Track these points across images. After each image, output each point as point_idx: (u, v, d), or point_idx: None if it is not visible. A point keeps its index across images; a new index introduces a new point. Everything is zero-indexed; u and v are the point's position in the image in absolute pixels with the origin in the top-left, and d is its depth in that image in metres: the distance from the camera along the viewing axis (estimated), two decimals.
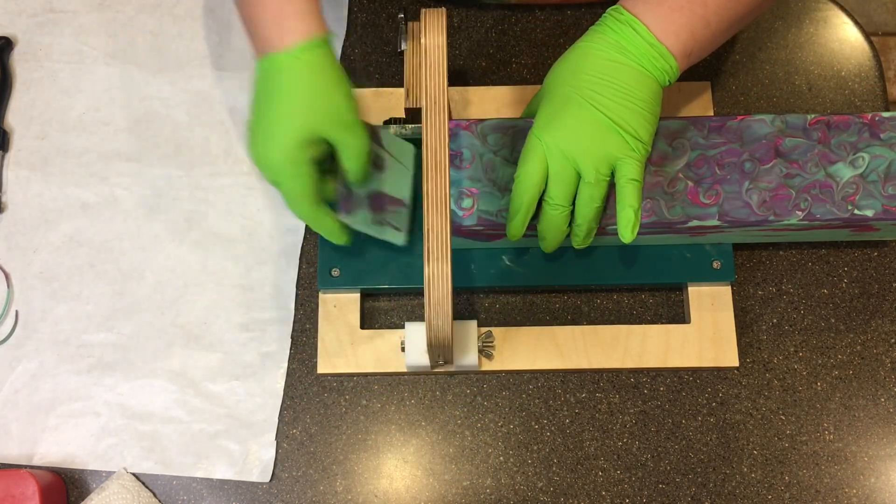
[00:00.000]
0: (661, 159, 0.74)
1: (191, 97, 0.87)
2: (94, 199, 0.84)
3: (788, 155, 0.74)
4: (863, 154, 0.74)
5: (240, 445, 0.78)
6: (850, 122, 0.75)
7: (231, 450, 0.78)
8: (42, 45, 0.88)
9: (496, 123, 0.75)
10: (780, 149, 0.74)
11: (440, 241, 0.65)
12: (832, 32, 0.89)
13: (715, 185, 0.74)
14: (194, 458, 0.78)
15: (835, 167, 0.74)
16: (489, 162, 0.74)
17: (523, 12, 0.90)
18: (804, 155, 0.74)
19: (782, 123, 0.75)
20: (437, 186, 0.66)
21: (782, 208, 0.73)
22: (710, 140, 0.75)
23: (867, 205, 0.73)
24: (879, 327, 0.81)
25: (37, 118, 0.86)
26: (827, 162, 0.74)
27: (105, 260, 0.82)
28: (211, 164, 0.85)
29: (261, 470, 0.77)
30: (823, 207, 0.73)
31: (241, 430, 0.78)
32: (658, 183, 0.74)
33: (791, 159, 0.74)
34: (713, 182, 0.74)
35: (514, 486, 0.78)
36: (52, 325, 0.81)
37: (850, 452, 0.78)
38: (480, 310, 0.82)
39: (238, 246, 0.83)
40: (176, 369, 0.80)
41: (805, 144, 0.74)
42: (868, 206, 0.73)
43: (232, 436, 0.78)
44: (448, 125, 0.68)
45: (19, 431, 0.78)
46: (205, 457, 0.78)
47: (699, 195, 0.74)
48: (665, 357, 0.79)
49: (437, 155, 0.67)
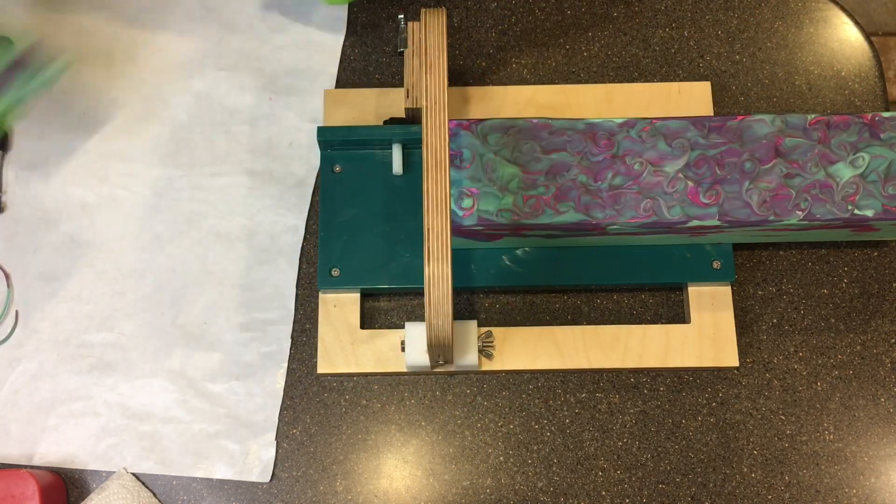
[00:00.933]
0: (660, 159, 0.74)
1: (191, 97, 0.87)
2: (94, 199, 0.84)
3: (788, 155, 0.74)
4: (863, 154, 0.74)
5: (240, 445, 0.78)
6: (851, 122, 0.75)
7: (231, 450, 0.78)
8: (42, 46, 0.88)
9: (496, 123, 0.75)
10: (781, 149, 0.74)
11: (440, 241, 0.65)
12: (832, 32, 0.89)
13: (715, 185, 0.74)
14: (194, 458, 0.78)
15: (835, 167, 0.74)
16: (489, 162, 0.74)
17: (523, 12, 0.90)
18: (804, 155, 0.74)
19: (782, 123, 0.75)
20: (438, 186, 0.66)
21: (782, 208, 0.73)
22: (710, 140, 0.75)
23: (867, 205, 0.73)
24: (879, 327, 0.81)
25: (37, 118, 0.86)
26: (827, 162, 0.74)
27: (105, 260, 0.82)
28: (211, 165, 0.85)
29: (261, 470, 0.77)
30: (823, 207, 0.73)
31: (241, 430, 0.78)
32: (658, 183, 0.74)
33: (791, 159, 0.74)
34: (713, 182, 0.74)
35: (514, 486, 0.78)
36: (53, 324, 0.81)
37: (850, 452, 0.78)
38: (480, 310, 0.82)
39: (238, 246, 0.83)
40: (176, 369, 0.80)
41: (805, 144, 0.74)
42: (868, 206, 0.73)
43: (232, 436, 0.78)
44: (448, 125, 0.68)
45: (19, 431, 0.78)
46: (205, 457, 0.78)
47: (699, 195, 0.74)
48: (665, 357, 0.79)
49: (437, 154, 0.67)
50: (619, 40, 0.89)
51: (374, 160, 0.82)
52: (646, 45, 0.89)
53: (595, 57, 0.89)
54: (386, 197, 0.81)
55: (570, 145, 0.75)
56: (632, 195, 0.74)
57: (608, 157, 0.75)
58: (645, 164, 0.74)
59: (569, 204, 0.74)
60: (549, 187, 0.74)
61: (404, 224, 0.80)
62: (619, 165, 0.75)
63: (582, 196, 0.74)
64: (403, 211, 0.81)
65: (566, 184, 0.74)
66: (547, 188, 0.74)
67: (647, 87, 0.86)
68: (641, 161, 0.75)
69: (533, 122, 0.76)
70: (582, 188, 0.74)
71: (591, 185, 0.74)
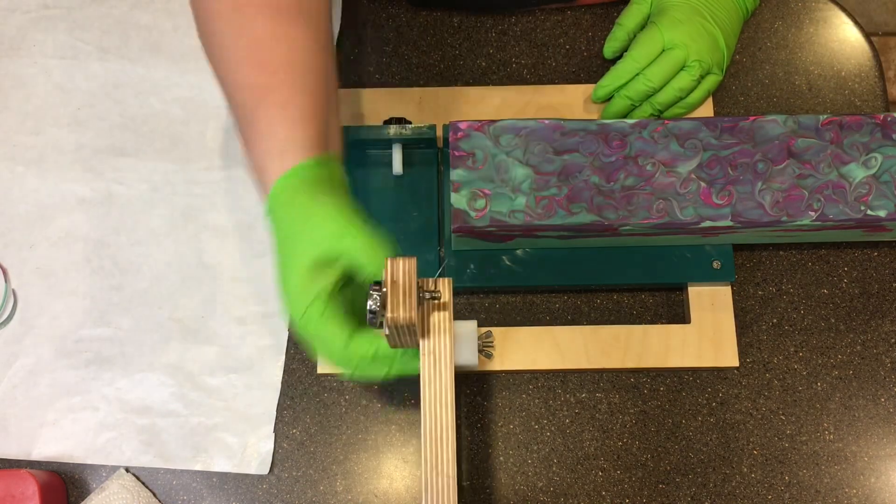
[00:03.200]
0: (673, 160, 0.74)
1: (185, 92, 0.87)
2: (89, 195, 0.84)
3: (801, 155, 0.74)
4: (875, 154, 0.74)
5: (238, 438, 0.78)
6: (863, 123, 0.75)
7: (229, 442, 0.78)
8: (36, 41, 0.88)
9: (508, 124, 0.76)
10: (793, 149, 0.74)
11: None
12: (832, 32, 0.89)
13: (728, 186, 0.74)
14: (193, 452, 0.78)
15: (847, 167, 0.74)
16: (501, 162, 0.74)
17: (523, 12, 0.90)
18: (817, 155, 0.74)
19: (794, 124, 0.75)
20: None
21: (795, 209, 0.73)
22: (722, 140, 0.75)
23: (880, 205, 0.73)
24: (879, 327, 0.81)
25: (31, 114, 0.86)
26: (839, 162, 0.74)
27: (101, 255, 0.82)
28: (206, 159, 0.85)
29: (259, 462, 0.77)
30: (836, 208, 0.73)
31: (240, 423, 0.78)
32: (671, 184, 0.74)
33: (804, 160, 0.74)
34: (726, 182, 0.74)
35: (514, 486, 0.77)
36: (50, 319, 0.81)
37: (850, 452, 0.78)
38: (480, 310, 0.82)
39: (234, 239, 0.83)
40: (173, 363, 0.80)
41: (818, 145, 0.74)
42: (881, 206, 0.73)
43: (230, 429, 0.78)
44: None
45: (18, 427, 0.78)
46: (203, 450, 0.78)
47: (712, 196, 0.74)
48: (665, 357, 0.79)
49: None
50: None
51: (374, 160, 0.82)
52: None
53: (595, 57, 0.89)
54: (386, 197, 0.81)
55: (583, 146, 0.75)
56: (644, 196, 0.74)
57: (621, 157, 0.75)
58: (657, 165, 0.74)
59: (581, 205, 0.74)
60: (562, 188, 0.74)
61: (404, 224, 0.80)
62: (632, 166, 0.75)
63: (594, 197, 0.74)
64: (403, 211, 0.81)
65: (579, 185, 0.74)
66: (559, 189, 0.74)
67: None
68: (654, 162, 0.75)
69: (545, 122, 0.76)
70: (594, 189, 0.74)
71: (604, 185, 0.74)
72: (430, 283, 0.64)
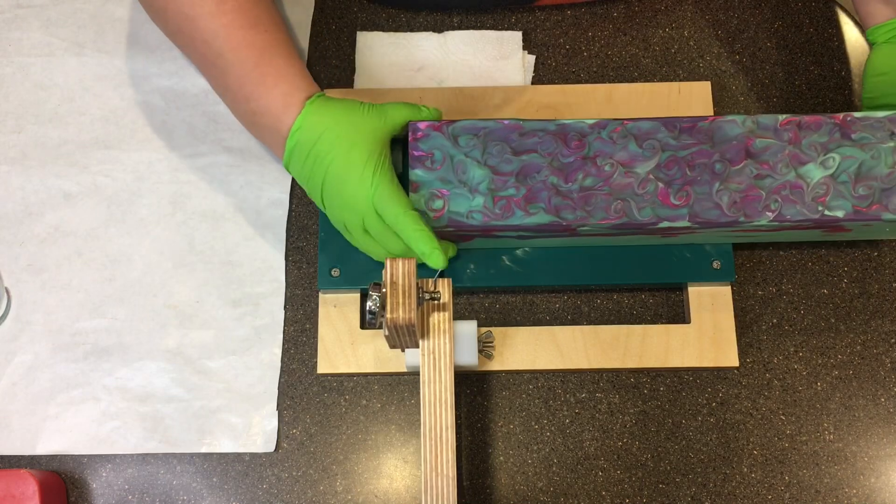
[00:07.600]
0: (631, 160, 0.74)
1: (165, 81, 0.87)
2: (76, 189, 0.84)
3: (759, 156, 0.74)
4: (833, 154, 0.74)
5: (242, 418, 0.78)
6: (822, 123, 0.74)
7: (233, 423, 0.78)
8: (11, 41, 0.88)
9: (468, 125, 0.75)
10: (751, 149, 0.74)
11: None
12: (832, 32, 0.89)
13: (685, 187, 0.74)
14: (198, 435, 0.78)
15: (805, 168, 0.74)
16: (460, 163, 0.74)
17: (523, 12, 0.90)
18: (775, 156, 0.74)
19: (753, 124, 0.75)
20: None
21: (752, 209, 0.73)
22: (680, 141, 0.75)
23: (837, 205, 0.73)
24: (879, 327, 0.81)
25: (11, 112, 0.86)
26: (797, 163, 0.74)
27: (92, 248, 0.83)
28: (190, 146, 0.85)
29: (265, 440, 0.78)
30: (794, 208, 0.73)
31: (242, 404, 0.78)
32: (629, 184, 0.74)
33: (762, 160, 0.74)
34: (683, 183, 0.74)
35: (514, 486, 0.77)
36: (45, 315, 0.81)
37: (850, 452, 0.78)
38: (480, 310, 0.82)
39: (224, 223, 0.83)
40: (172, 349, 0.80)
41: (776, 145, 0.74)
42: (838, 206, 0.73)
43: (233, 409, 0.78)
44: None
45: (20, 423, 0.78)
46: (208, 432, 0.78)
47: (669, 196, 0.74)
48: (665, 357, 0.79)
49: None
50: (619, 40, 0.89)
51: None
52: (646, 45, 0.89)
53: (595, 57, 0.89)
54: None
55: (541, 146, 0.75)
56: (602, 196, 0.74)
57: (579, 158, 0.74)
58: (616, 166, 0.74)
59: (539, 205, 0.74)
60: (520, 189, 0.74)
61: None
62: (590, 167, 0.74)
63: (552, 198, 0.74)
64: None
65: (537, 185, 0.74)
66: (517, 189, 0.74)
67: (647, 87, 0.86)
68: (612, 162, 0.74)
69: (504, 123, 0.75)
70: (552, 189, 0.74)
71: (562, 186, 0.74)
72: (430, 283, 0.65)
